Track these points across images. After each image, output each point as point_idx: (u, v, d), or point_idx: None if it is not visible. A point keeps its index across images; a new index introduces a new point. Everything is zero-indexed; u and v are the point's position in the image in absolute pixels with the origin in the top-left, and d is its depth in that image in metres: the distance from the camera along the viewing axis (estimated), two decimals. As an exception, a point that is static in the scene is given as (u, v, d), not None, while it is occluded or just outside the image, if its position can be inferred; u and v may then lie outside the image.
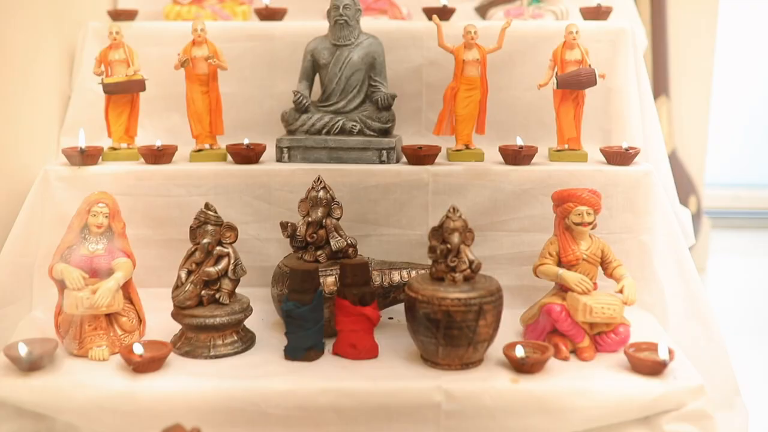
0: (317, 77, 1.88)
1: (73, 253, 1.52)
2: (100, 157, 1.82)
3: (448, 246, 1.42)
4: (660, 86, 2.70)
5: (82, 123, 1.95)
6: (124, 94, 1.84)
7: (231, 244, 1.54)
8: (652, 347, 1.45)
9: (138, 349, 1.43)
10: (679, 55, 2.81)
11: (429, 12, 2.00)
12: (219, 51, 1.84)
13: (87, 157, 1.77)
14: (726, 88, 3.59)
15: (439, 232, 1.44)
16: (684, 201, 2.85)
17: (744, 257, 3.40)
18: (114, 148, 1.87)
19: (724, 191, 3.74)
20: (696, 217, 2.97)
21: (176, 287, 1.51)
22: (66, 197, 1.74)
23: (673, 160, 2.82)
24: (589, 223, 1.53)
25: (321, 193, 1.60)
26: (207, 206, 1.52)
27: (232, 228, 1.53)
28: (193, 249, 1.52)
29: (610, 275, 1.56)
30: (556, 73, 1.81)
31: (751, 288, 3.00)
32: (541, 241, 1.62)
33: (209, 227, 1.51)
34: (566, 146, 1.85)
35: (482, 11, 2.21)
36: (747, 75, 3.75)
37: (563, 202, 1.54)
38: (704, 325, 1.74)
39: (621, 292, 1.51)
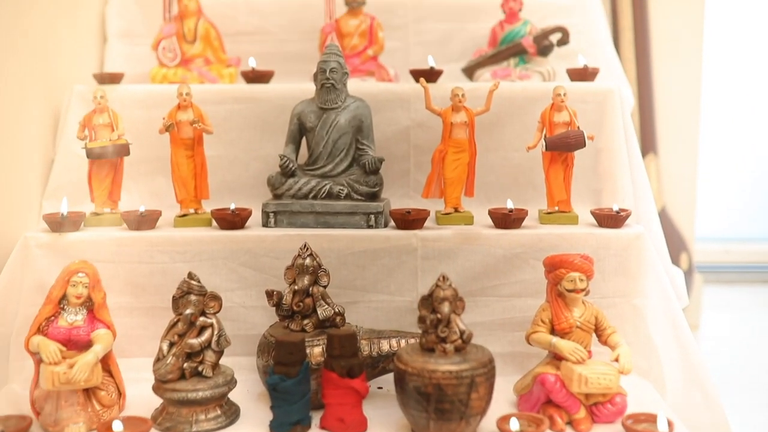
0: (304, 140, 1.87)
1: (51, 325, 1.47)
2: (82, 223, 1.78)
3: (438, 316, 1.38)
4: (648, 144, 2.70)
5: (66, 187, 1.93)
6: (107, 158, 1.81)
7: (215, 314, 1.49)
8: (651, 419, 1.41)
9: (117, 426, 1.37)
10: (666, 113, 2.82)
11: (416, 74, 2.00)
12: (204, 115, 1.83)
13: (68, 223, 1.73)
14: (713, 143, 3.61)
15: (429, 302, 1.40)
16: (675, 258, 2.83)
17: (737, 312, 3.37)
18: (97, 213, 1.83)
19: (714, 245, 3.73)
20: (688, 274, 2.95)
21: (158, 360, 1.46)
22: (46, 265, 1.69)
23: (663, 217, 2.81)
24: (582, 290, 1.50)
25: (308, 261, 1.56)
26: (190, 276, 1.48)
27: (216, 298, 1.49)
28: (175, 320, 1.48)
29: (604, 342, 1.53)
30: (545, 136, 1.80)
31: (746, 344, 2.97)
32: (533, 306, 1.59)
33: (192, 297, 1.47)
34: (556, 208, 1.83)
35: (469, 72, 2.21)
36: (734, 129, 3.78)
37: (555, 268, 1.51)
38: (702, 392, 1.70)
39: (616, 360, 1.47)
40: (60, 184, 1.96)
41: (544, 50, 2.15)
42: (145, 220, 1.77)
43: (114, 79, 2.05)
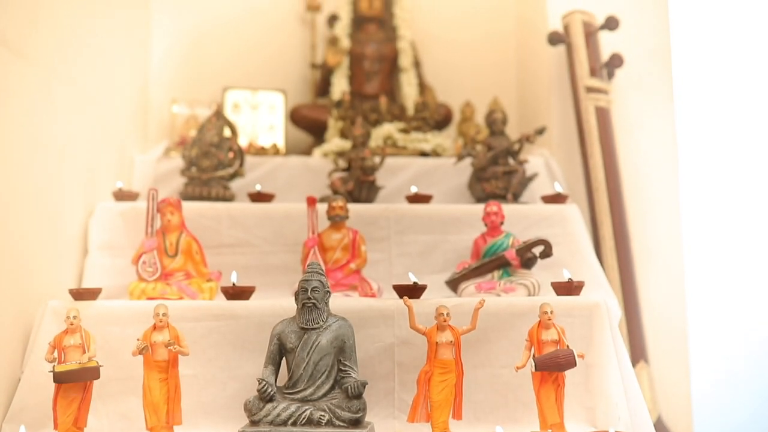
0: (284, 361, 1.80)
1: None
2: (41, 455, 1.66)
3: None
4: (637, 352, 2.65)
5: (30, 408, 1.83)
6: (75, 382, 1.73)
7: None
8: None
9: None
10: (653, 318, 2.79)
11: (399, 290, 1.97)
12: (181, 336, 1.77)
13: (26, 456, 1.61)
14: (703, 345, 3.56)
15: None
16: (676, 473, 2.68)
17: None
18: (57, 443, 1.71)
19: (713, 451, 3.56)
20: (690, 488, 2.79)
21: None
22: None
23: (660, 428, 2.70)
24: None
25: (284, 500, 1.44)
26: None
27: None
28: None
29: None
30: (534, 355, 1.75)
31: None
32: None
33: None
34: (550, 431, 1.74)
35: (453, 285, 2.20)
36: (723, 327, 3.74)
37: (553, 507, 1.40)
38: None
39: None
40: (24, 405, 1.85)
41: (527, 263, 2.15)
42: (111, 452, 1.65)
43: (90, 295, 2.00)
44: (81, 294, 2.00)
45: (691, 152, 3.42)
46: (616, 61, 2.83)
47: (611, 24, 2.83)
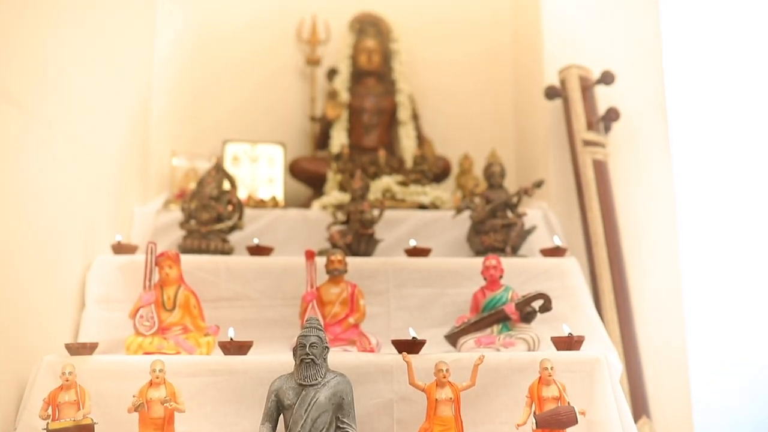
0: (282, 418, 1.77)
1: None
2: None
3: None
4: (639, 407, 2.61)
5: (21, 467, 1.79)
6: (69, 442, 1.70)
7: None
8: None
9: None
10: (655, 373, 2.76)
11: (398, 345, 1.95)
12: (177, 392, 1.75)
13: None
14: (706, 396, 3.51)
15: None
16: None
17: None
18: (47, 505, 1.68)
19: (719, 508, 3.49)
20: None
21: None
22: None
23: (663, 485, 2.65)
24: None
25: None
26: None
27: None
28: None
29: None
30: (534, 412, 1.73)
31: None
32: None
33: None
34: (552, 491, 1.71)
35: (452, 339, 2.18)
36: (726, 376, 3.70)
37: None
38: None
39: None
40: (17, 463, 1.82)
41: (527, 317, 2.13)
42: None
43: (87, 350, 1.98)
44: (77, 349, 1.98)
45: (690, 204, 3.43)
46: (612, 114, 2.87)
47: (607, 78, 2.87)
